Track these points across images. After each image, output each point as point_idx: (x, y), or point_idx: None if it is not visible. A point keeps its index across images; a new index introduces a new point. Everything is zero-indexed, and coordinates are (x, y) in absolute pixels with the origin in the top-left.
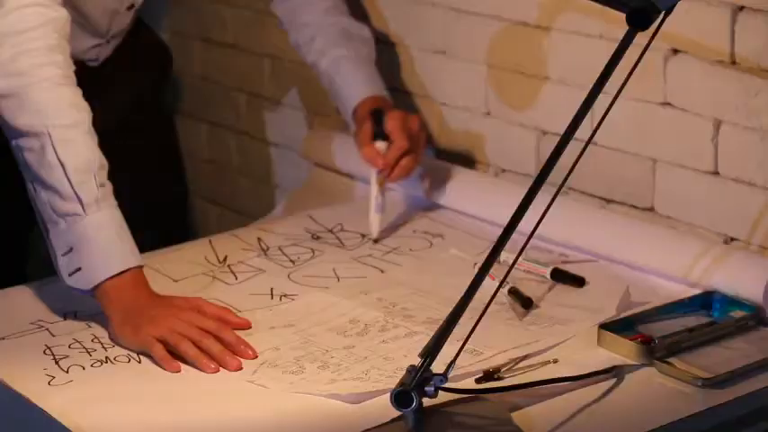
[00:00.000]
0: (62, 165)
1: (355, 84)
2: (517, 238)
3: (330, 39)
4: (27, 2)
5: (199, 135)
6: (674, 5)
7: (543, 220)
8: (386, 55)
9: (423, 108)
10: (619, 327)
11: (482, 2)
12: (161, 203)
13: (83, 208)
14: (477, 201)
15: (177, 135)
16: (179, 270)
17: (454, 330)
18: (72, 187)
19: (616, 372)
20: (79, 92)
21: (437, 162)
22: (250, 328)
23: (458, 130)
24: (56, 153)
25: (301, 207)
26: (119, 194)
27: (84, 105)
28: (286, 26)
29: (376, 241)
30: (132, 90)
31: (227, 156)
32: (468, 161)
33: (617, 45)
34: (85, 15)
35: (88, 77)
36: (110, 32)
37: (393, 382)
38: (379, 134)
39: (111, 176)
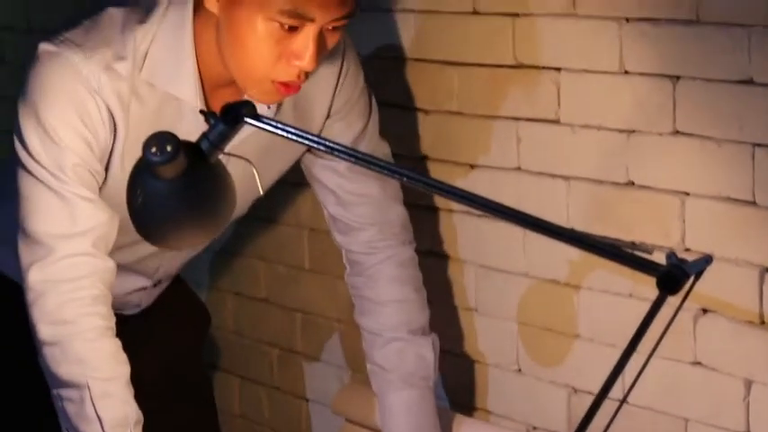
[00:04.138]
0: (99, 419)
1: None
2: None
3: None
4: (77, 251)
5: (231, 389)
6: (704, 270)
7: None
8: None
9: (455, 363)
10: None
11: (512, 260)
12: None
13: None
14: None
15: (213, 393)
16: None
17: None
18: None
19: None
20: (119, 343)
21: (469, 419)
22: None
23: (489, 387)
24: (94, 407)
25: None
26: None
27: (124, 358)
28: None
29: None
30: (170, 348)
31: (259, 411)
32: (499, 418)
33: (647, 306)
34: (136, 248)
35: (129, 331)
36: (157, 274)
37: None
38: None
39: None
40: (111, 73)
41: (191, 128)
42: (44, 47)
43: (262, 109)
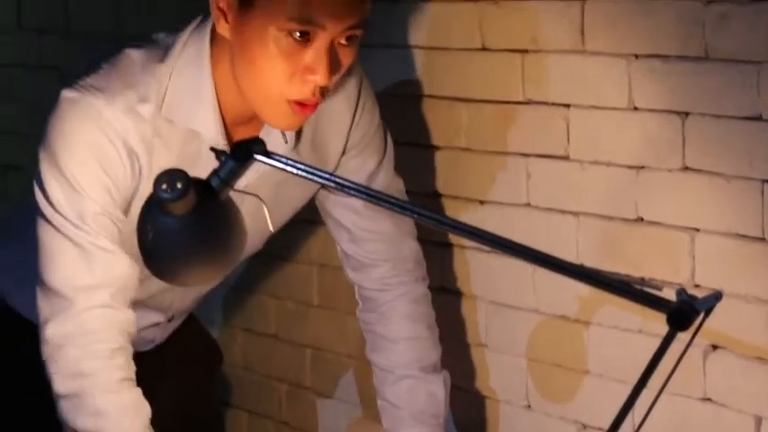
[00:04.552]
0: None
1: None
2: None
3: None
4: (97, 303)
5: (240, 425)
6: (714, 306)
7: None
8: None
9: (465, 399)
10: None
11: (522, 296)
12: None
13: None
14: None
15: (225, 430)
16: None
17: None
18: None
19: None
20: (139, 392)
21: None
22: None
23: (500, 423)
24: None
25: None
26: None
27: (144, 405)
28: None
29: None
30: (182, 385)
31: None
32: None
33: (657, 342)
34: (148, 283)
35: (142, 367)
36: (170, 310)
37: None
38: None
39: None
40: (134, 116)
41: (211, 167)
42: (66, 94)
43: (280, 143)
